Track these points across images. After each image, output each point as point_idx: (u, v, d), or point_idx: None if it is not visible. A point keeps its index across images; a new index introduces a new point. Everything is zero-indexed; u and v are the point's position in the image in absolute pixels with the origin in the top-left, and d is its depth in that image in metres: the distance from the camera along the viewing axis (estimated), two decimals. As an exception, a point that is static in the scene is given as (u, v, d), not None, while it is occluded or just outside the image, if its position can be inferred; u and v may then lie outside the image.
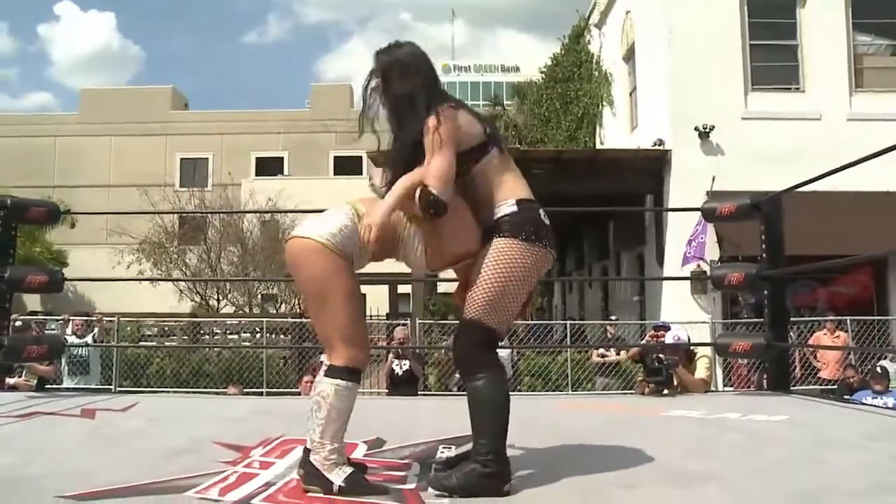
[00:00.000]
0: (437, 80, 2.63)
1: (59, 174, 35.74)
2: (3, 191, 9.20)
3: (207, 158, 37.70)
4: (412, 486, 2.41)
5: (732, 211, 5.31)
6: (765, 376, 5.72)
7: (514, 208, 2.48)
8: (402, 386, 9.08)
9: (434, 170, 2.37)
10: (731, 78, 12.55)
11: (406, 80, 2.52)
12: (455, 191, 2.44)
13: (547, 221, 2.59)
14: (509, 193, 2.50)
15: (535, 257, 2.47)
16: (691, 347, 6.13)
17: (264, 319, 14.52)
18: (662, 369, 5.60)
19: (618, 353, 10.38)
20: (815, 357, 10.84)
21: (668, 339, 6.16)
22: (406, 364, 9.23)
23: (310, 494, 2.26)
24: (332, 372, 2.38)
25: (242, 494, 2.26)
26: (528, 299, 2.59)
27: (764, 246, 5.26)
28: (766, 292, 5.29)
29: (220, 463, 2.65)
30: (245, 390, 10.06)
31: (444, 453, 2.89)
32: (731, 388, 9.94)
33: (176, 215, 24.97)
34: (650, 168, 12.92)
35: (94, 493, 2.23)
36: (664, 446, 3.02)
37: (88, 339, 9.74)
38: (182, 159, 37.82)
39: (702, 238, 11.53)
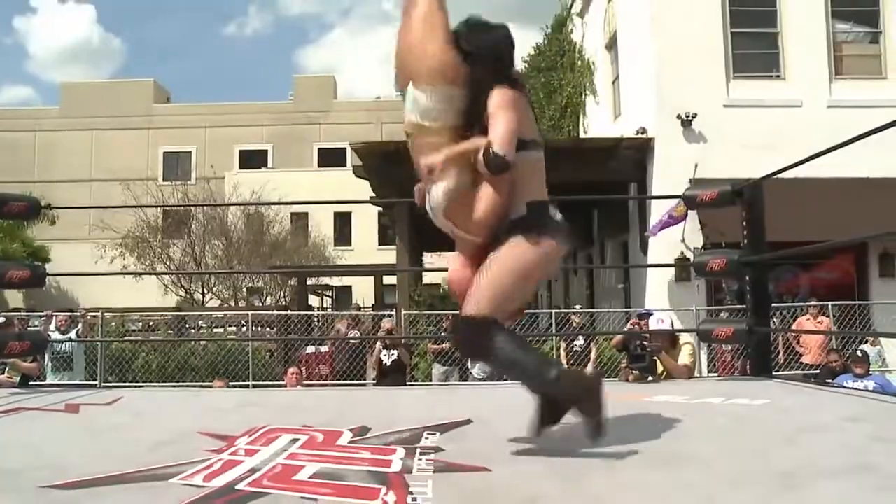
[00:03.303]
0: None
1: (39, 169, 35.50)
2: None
3: (190, 152, 37.54)
4: (397, 469, 2.43)
5: (714, 197, 5.35)
6: (748, 362, 5.78)
7: (525, 211, 2.64)
8: (391, 375, 9.14)
9: (502, 132, 2.52)
10: (712, 66, 12.61)
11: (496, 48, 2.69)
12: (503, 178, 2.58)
13: (557, 216, 2.73)
14: (525, 195, 2.66)
15: (545, 253, 2.60)
16: (675, 333, 6.17)
17: (249, 312, 14.50)
18: (646, 356, 5.65)
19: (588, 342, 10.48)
20: (798, 342, 10.94)
21: (652, 323, 6.20)
22: (395, 354, 9.27)
23: None
24: None
25: (227, 480, 2.27)
26: None
27: (745, 232, 5.30)
28: (748, 278, 5.34)
29: (204, 452, 2.66)
30: (231, 384, 10.05)
31: (429, 439, 2.91)
32: (716, 375, 10.01)
33: (159, 209, 24.87)
34: (633, 156, 12.98)
35: (77, 482, 2.23)
36: (646, 430, 3.05)
37: (72, 334, 9.69)
38: (165, 153, 37.66)
39: (665, 218, 11.64)
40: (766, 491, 2.13)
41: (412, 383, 10.24)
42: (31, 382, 8.06)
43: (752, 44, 13.08)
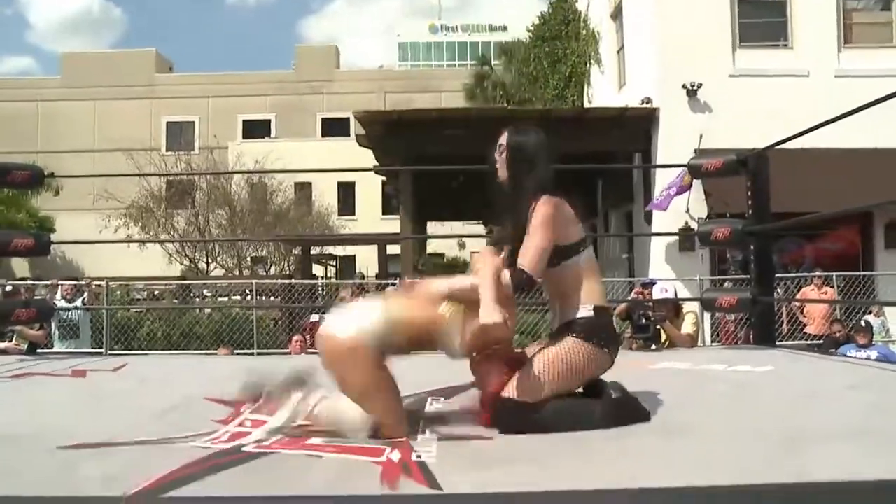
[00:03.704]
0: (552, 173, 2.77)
1: (42, 139, 35.42)
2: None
3: (193, 122, 37.41)
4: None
5: (719, 166, 5.34)
6: (751, 331, 5.79)
7: (592, 314, 2.60)
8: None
9: (532, 252, 2.51)
10: (718, 35, 12.51)
11: (531, 156, 2.73)
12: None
13: (617, 329, 2.67)
14: (589, 298, 2.62)
15: (599, 361, 2.61)
16: (679, 302, 6.18)
17: (254, 281, 14.53)
18: (650, 326, 5.66)
19: None
20: (802, 312, 10.95)
21: (656, 292, 6.20)
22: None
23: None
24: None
25: (234, 444, 2.29)
26: None
27: (750, 202, 5.29)
28: (752, 248, 5.34)
29: (211, 422, 2.68)
30: (235, 351, 10.11)
31: (434, 405, 2.94)
32: (719, 344, 10.04)
33: (163, 179, 24.84)
34: (638, 126, 12.92)
35: (84, 444, 2.26)
36: (648, 398, 3.07)
37: (78, 302, 9.74)
38: (168, 123, 37.53)
39: (672, 191, 11.61)
40: (766, 456, 2.15)
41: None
42: (38, 350, 8.10)
43: (759, 12, 12.95)
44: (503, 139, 2.77)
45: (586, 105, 17.44)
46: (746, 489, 1.82)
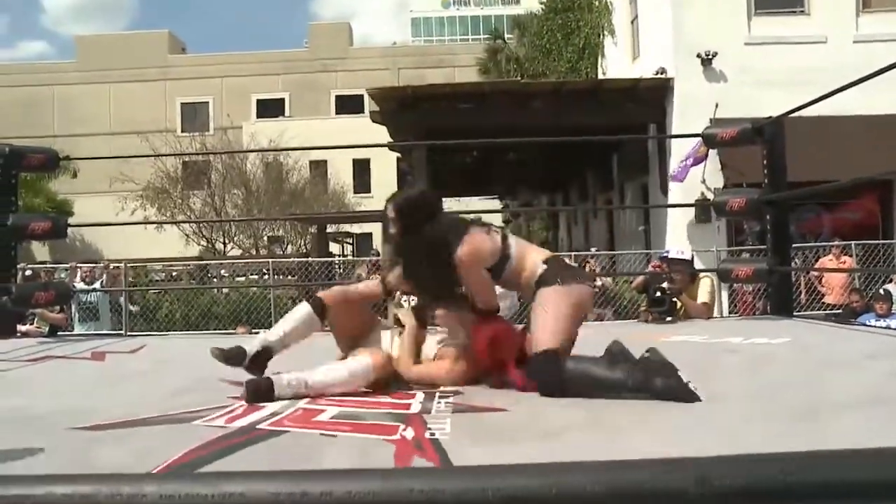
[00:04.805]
0: (443, 211, 3.06)
1: (58, 124, 35.52)
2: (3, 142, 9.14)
3: (207, 102, 37.44)
4: (416, 410, 2.46)
5: (734, 136, 5.28)
6: (768, 302, 5.75)
7: (545, 267, 2.87)
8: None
9: (478, 287, 2.88)
10: (733, 2, 12.33)
11: (424, 221, 2.88)
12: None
13: (573, 263, 2.93)
14: (536, 261, 2.90)
15: (573, 293, 2.82)
16: (694, 267, 6.10)
17: (270, 260, 14.59)
18: (665, 299, 5.58)
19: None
20: (820, 282, 10.87)
21: (672, 253, 6.10)
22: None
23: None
24: None
25: (248, 422, 2.31)
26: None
27: (766, 171, 5.24)
28: (768, 218, 5.29)
29: (227, 398, 2.70)
30: (253, 330, 10.17)
31: (442, 403, 2.93)
32: (736, 315, 9.99)
33: (178, 160, 24.89)
34: (653, 98, 12.80)
35: (101, 425, 2.28)
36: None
37: (97, 285, 9.81)
38: (182, 104, 37.57)
39: (689, 162, 11.52)
40: (782, 425, 2.14)
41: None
42: (59, 333, 8.18)
43: (775, -22, 12.75)
44: (389, 210, 2.92)
45: (600, 77, 17.31)
46: (763, 458, 1.81)
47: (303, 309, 3.12)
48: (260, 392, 2.63)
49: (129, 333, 10.31)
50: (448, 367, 2.95)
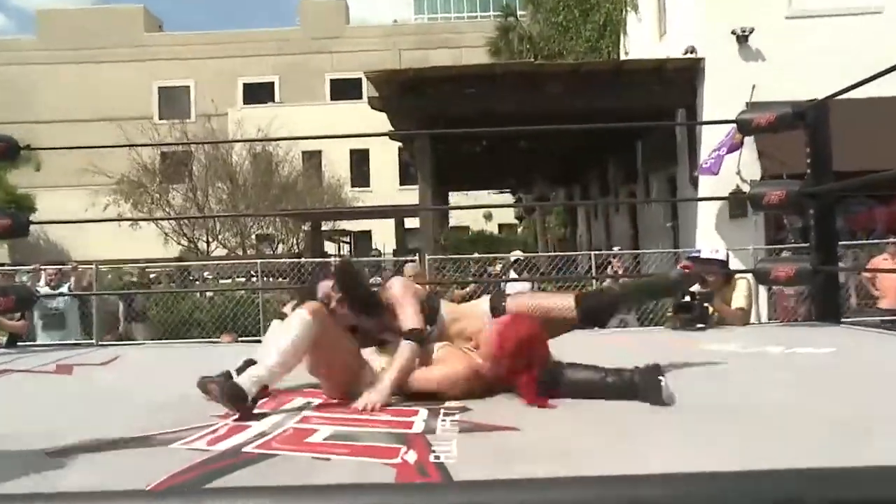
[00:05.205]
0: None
1: (17, 108, 35.15)
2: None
3: (188, 87, 37.46)
4: (419, 430, 2.44)
5: (772, 121, 5.24)
6: (812, 306, 5.72)
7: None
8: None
9: (406, 313, 3.18)
10: (772, -28, 12.28)
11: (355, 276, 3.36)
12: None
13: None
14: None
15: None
16: (729, 268, 6.05)
17: (259, 261, 14.59)
18: (693, 305, 5.50)
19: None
20: (874, 284, 10.77)
21: (705, 253, 6.05)
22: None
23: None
24: None
25: (233, 444, 2.29)
26: None
27: (809, 160, 5.21)
28: (811, 212, 5.26)
29: (209, 416, 2.68)
30: (240, 339, 10.16)
31: (447, 421, 2.91)
32: (776, 322, 9.94)
33: (156, 150, 24.90)
34: (681, 79, 12.75)
35: (69, 448, 2.26)
36: (693, 383, 3.04)
37: (63, 289, 9.77)
38: (160, 88, 37.58)
39: (722, 151, 11.46)
40: (819, 444, 2.12)
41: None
42: (19, 343, 8.15)
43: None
44: (333, 287, 3.26)
45: (622, 57, 17.29)
46: (792, 473, 1.78)
47: (301, 318, 3.07)
48: (236, 396, 2.70)
49: (99, 343, 10.31)
50: (454, 369, 3.00)
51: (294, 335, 2.93)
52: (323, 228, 23.56)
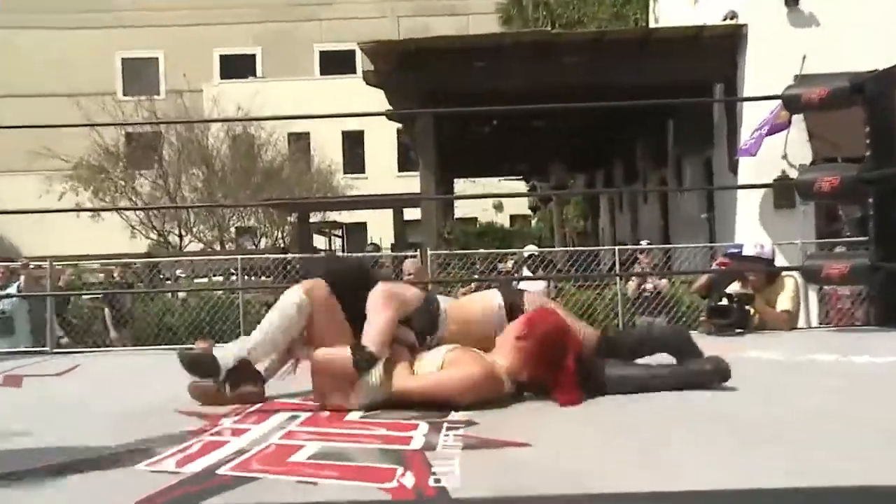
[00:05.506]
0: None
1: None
2: None
3: (157, 58, 37.48)
4: (417, 446, 2.43)
5: (824, 97, 5.21)
6: (871, 308, 5.70)
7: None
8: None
9: (372, 331, 3.17)
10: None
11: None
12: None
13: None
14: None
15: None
16: (775, 270, 6.03)
17: (239, 257, 14.57)
18: (730, 309, 5.45)
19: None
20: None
21: (748, 248, 6.03)
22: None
23: None
24: None
25: (206, 465, 2.27)
26: None
27: (868, 141, 5.18)
28: (870, 201, 5.23)
29: (180, 432, 2.67)
30: (217, 345, 10.16)
31: (451, 436, 2.90)
32: (829, 326, 9.91)
33: (120, 131, 24.88)
34: (720, 50, 12.73)
35: (16, 473, 2.25)
36: (731, 396, 3.03)
37: (12, 289, 9.76)
38: (124, 60, 37.57)
39: (763, 130, 11.42)
40: (870, 464, 2.10)
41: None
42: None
43: None
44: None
45: (651, 25, 17.25)
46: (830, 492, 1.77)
47: (292, 299, 3.16)
48: (200, 365, 2.83)
49: (54, 351, 10.30)
50: (462, 374, 3.00)
51: (282, 311, 2.96)
52: (311, 220, 23.56)
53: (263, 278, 13.94)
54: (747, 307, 5.45)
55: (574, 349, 3.01)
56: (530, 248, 12.58)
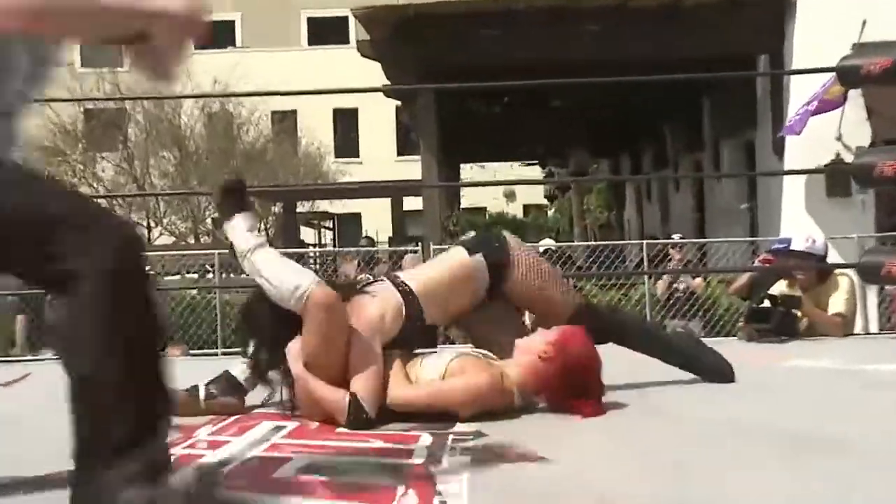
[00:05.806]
0: None
1: None
2: None
3: (123, 25, 37.43)
4: (419, 461, 2.43)
5: (887, 67, 5.20)
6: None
7: None
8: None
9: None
10: None
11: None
12: None
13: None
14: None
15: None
16: (827, 268, 6.01)
17: (216, 252, 14.59)
18: (772, 313, 5.42)
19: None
20: None
21: (797, 243, 6.00)
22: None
23: None
24: None
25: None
26: None
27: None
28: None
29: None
30: (191, 352, 10.19)
31: (458, 448, 2.91)
32: (889, 333, 9.88)
33: (79, 108, 24.86)
34: (764, 17, 12.69)
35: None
36: (774, 408, 3.05)
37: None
38: (86, 28, 37.57)
39: (811, 107, 11.36)
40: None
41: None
42: None
43: None
44: None
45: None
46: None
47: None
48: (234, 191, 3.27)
49: (1, 359, 10.29)
50: (465, 384, 3.04)
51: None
52: (299, 210, 23.56)
53: (243, 275, 13.94)
54: (793, 310, 5.42)
55: (595, 382, 3.08)
56: (546, 243, 12.58)
